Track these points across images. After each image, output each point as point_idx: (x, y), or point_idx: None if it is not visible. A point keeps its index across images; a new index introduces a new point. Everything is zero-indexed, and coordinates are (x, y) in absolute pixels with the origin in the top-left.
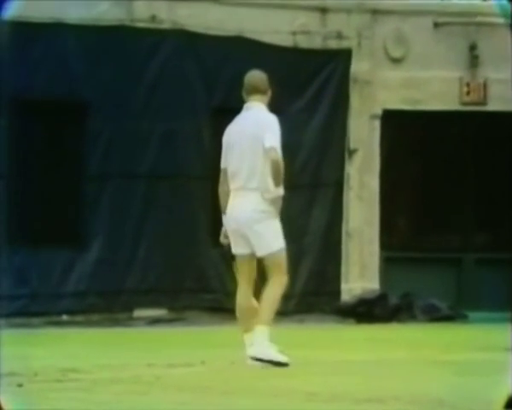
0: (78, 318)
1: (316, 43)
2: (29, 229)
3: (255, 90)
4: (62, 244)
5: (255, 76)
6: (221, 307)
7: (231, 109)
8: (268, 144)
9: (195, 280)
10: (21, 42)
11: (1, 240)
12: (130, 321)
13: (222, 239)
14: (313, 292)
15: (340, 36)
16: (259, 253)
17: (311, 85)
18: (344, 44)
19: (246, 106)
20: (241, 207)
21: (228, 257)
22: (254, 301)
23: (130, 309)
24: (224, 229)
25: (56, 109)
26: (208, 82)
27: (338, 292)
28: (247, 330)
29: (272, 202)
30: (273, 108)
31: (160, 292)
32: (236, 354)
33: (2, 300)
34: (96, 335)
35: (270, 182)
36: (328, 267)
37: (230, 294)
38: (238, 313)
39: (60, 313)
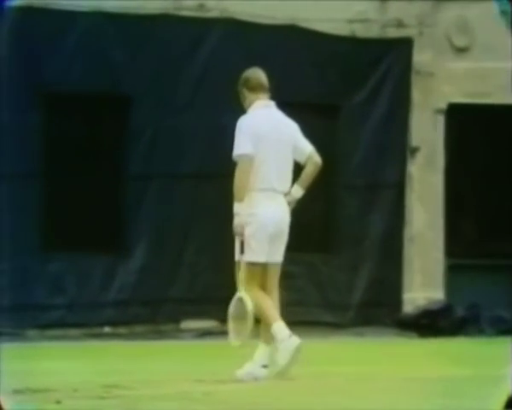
0: (121, 329)
1: (374, 31)
2: (66, 233)
3: (263, 89)
4: (102, 250)
5: (261, 73)
6: None
7: (283, 103)
8: (310, 148)
9: None
10: (56, 31)
11: (35, 245)
12: (176, 333)
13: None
14: (372, 303)
15: (400, 24)
16: (280, 258)
17: (369, 78)
18: (404, 33)
19: (263, 103)
20: (279, 210)
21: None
22: None
23: (177, 320)
24: (239, 219)
25: (94, 104)
26: None
27: (399, 303)
28: (278, 318)
29: (288, 204)
30: (328, 102)
31: (209, 302)
32: (291, 370)
33: (36, 310)
34: (140, 348)
35: (289, 187)
36: (389, 276)
37: (284, 304)
38: (267, 309)
39: (100, 325)
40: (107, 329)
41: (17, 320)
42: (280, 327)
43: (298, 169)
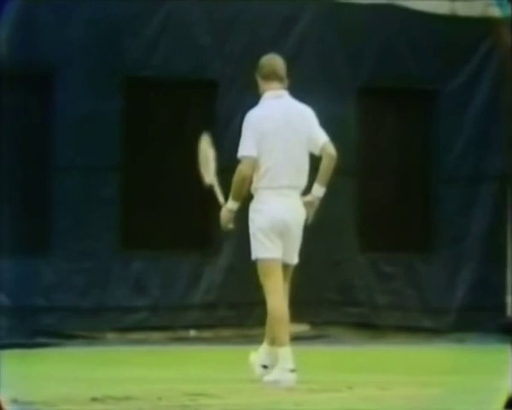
0: (207, 333)
1: (476, 10)
2: (148, 230)
3: (277, 77)
4: (188, 248)
5: (279, 61)
6: (369, 322)
7: (380, 89)
8: (323, 139)
9: (339, 291)
10: (138, 13)
11: (115, 243)
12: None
13: (227, 223)
14: (474, 306)
15: None
16: (293, 260)
17: (470, 60)
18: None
19: (275, 93)
20: (290, 208)
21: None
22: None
23: (265, 324)
24: (231, 215)
25: (178, 89)
26: (353, 57)
27: (503, 306)
28: (284, 343)
29: (310, 204)
30: (426, 86)
31: (300, 305)
32: (387, 378)
33: (117, 312)
34: (227, 353)
35: (305, 183)
36: (492, 277)
37: (380, 307)
38: (276, 324)
39: (185, 328)
40: (192, 332)
41: (96, 323)
42: (284, 354)
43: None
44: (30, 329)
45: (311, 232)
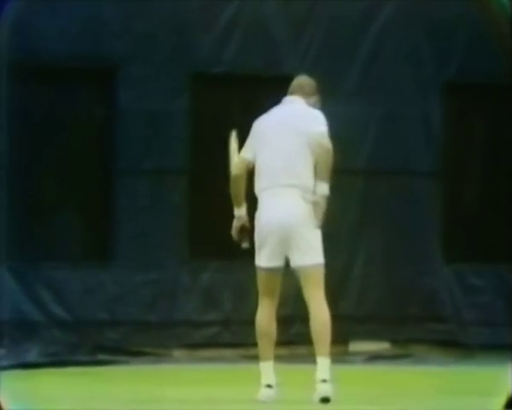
0: (282, 351)
1: None
2: (220, 239)
3: (303, 91)
4: None
5: (307, 79)
6: (455, 340)
7: (468, 85)
8: (317, 130)
9: (423, 306)
10: (208, 3)
11: (184, 253)
12: (344, 356)
13: (235, 235)
14: None
15: None
16: (304, 261)
17: None
18: None
19: (285, 99)
20: (287, 209)
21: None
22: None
23: (344, 341)
24: (238, 224)
25: (250, 87)
26: (439, 52)
27: None
28: (267, 357)
29: (315, 204)
30: None
31: (379, 321)
32: (476, 401)
33: (186, 327)
34: (303, 372)
35: (310, 182)
36: None
37: (467, 324)
38: (261, 338)
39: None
40: None
41: (163, 339)
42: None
43: None
44: (91, 345)
45: (391, 242)
